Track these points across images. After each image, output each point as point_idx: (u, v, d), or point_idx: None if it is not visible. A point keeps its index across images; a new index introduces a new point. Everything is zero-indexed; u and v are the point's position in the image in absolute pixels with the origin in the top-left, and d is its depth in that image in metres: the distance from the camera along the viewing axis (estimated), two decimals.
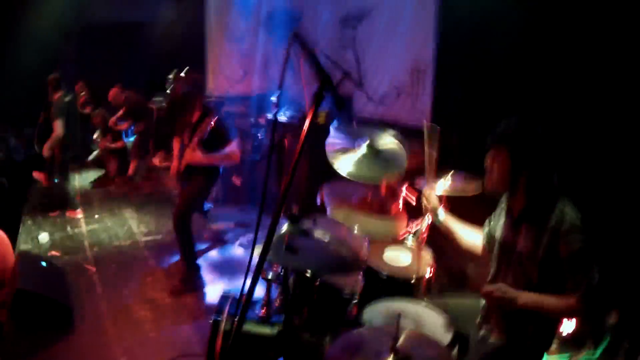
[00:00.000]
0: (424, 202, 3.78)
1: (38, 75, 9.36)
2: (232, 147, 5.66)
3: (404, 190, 5.05)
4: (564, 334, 4.26)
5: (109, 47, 11.75)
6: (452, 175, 4.11)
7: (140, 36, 11.76)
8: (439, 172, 4.36)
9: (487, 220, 3.48)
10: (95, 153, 10.77)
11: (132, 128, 10.44)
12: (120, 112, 10.43)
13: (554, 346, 3.70)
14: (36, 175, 9.32)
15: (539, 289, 2.96)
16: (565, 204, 2.94)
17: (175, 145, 6.20)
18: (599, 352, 4.19)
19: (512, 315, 3.01)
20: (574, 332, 4.33)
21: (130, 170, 10.46)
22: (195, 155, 5.55)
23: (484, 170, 3.16)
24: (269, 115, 8.53)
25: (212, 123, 5.40)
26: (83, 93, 10.17)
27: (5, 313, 4.76)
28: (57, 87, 8.51)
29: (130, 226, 7.90)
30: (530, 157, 2.92)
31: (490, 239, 3.41)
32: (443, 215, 3.70)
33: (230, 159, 5.71)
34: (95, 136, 10.46)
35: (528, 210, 3.03)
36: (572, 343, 4.29)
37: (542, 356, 3.13)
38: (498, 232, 3.29)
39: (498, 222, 3.33)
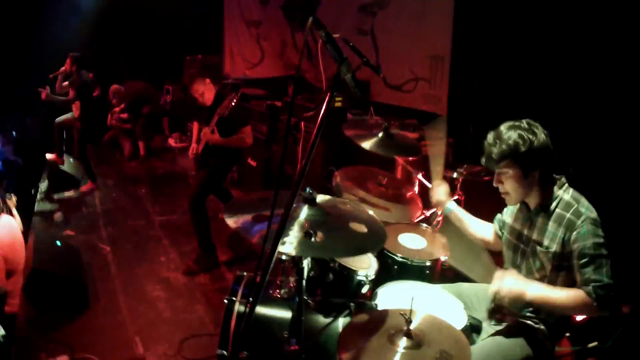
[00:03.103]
0: (431, 195, 3.84)
1: (53, 56, 9.40)
2: (247, 131, 5.71)
3: (420, 176, 5.05)
4: (576, 322, 4.26)
5: (125, 28, 11.75)
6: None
7: (158, 18, 11.75)
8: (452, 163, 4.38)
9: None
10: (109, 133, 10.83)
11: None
12: (121, 106, 10.46)
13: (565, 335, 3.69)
14: (49, 157, 9.36)
15: (552, 281, 2.95)
16: (581, 198, 2.93)
17: (194, 129, 6.25)
18: (610, 342, 4.17)
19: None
20: (586, 321, 4.32)
21: (142, 151, 10.51)
22: (212, 137, 5.58)
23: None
24: (286, 98, 8.53)
25: (234, 101, 5.42)
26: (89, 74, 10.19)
27: (17, 302, 4.76)
28: (80, 66, 8.50)
29: (145, 206, 7.94)
30: (535, 157, 2.90)
31: (503, 228, 3.41)
32: (451, 208, 3.73)
33: (244, 142, 5.76)
34: (109, 117, 10.52)
35: (545, 203, 3.01)
36: (583, 332, 4.28)
37: (555, 342, 3.13)
38: (510, 222, 3.29)
39: (512, 212, 3.32)
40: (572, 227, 2.83)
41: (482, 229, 3.64)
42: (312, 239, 2.35)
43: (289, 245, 2.26)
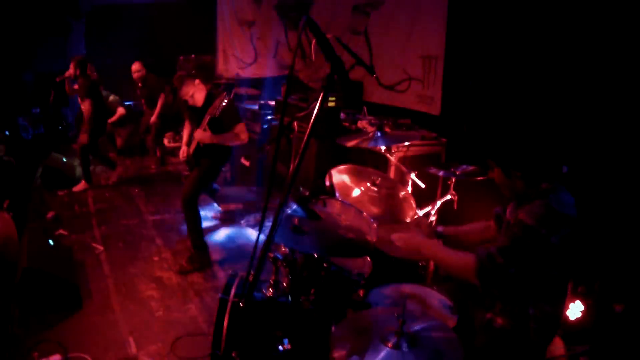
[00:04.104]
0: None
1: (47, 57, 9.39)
2: (242, 127, 5.70)
3: (413, 175, 5.06)
4: (569, 321, 4.27)
5: (117, 28, 11.73)
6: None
7: (151, 17, 11.73)
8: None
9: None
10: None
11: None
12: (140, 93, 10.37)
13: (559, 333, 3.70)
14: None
15: None
16: (564, 195, 2.93)
17: (185, 130, 6.26)
18: (603, 341, 4.19)
19: (512, 298, 3.02)
20: (580, 320, 4.33)
21: (158, 153, 10.36)
22: (205, 135, 5.58)
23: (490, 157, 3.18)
24: (279, 98, 8.54)
25: (225, 101, 5.41)
26: (94, 74, 10.14)
27: None
28: (84, 68, 8.45)
29: (138, 205, 7.93)
30: (516, 161, 2.94)
31: (499, 219, 3.43)
32: (442, 230, 3.76)
33: (240, 139, 5.74)
34: None
35: (526, 194, 3.03)
36: (577, 331, 4.29)
37: (548, 341, 3.14)
38: (507, 215, 3.30)
39: (508, 204, 3.34)
40: (530, 201, 2.86)
41: (481, 227, 3.65)
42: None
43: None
